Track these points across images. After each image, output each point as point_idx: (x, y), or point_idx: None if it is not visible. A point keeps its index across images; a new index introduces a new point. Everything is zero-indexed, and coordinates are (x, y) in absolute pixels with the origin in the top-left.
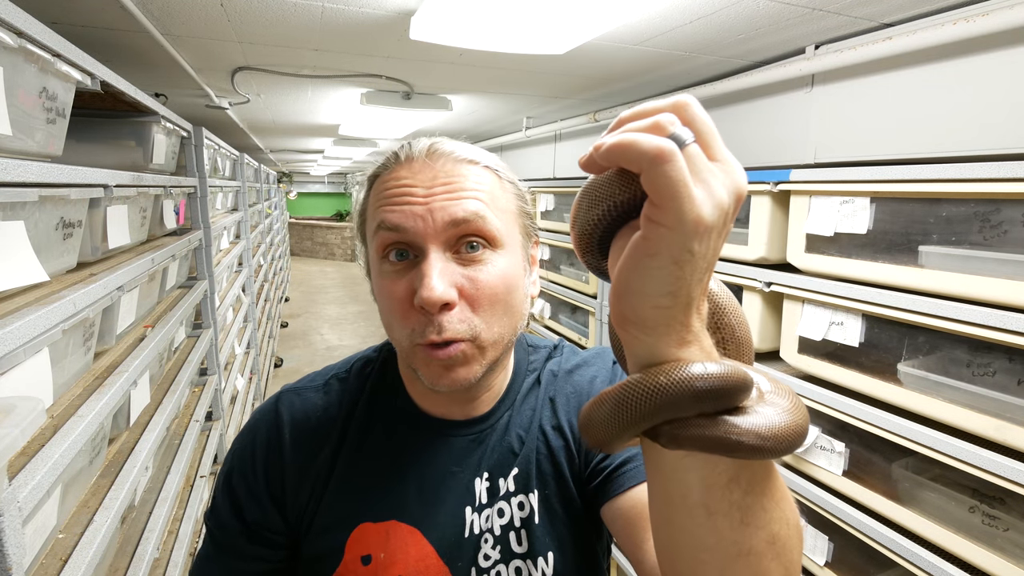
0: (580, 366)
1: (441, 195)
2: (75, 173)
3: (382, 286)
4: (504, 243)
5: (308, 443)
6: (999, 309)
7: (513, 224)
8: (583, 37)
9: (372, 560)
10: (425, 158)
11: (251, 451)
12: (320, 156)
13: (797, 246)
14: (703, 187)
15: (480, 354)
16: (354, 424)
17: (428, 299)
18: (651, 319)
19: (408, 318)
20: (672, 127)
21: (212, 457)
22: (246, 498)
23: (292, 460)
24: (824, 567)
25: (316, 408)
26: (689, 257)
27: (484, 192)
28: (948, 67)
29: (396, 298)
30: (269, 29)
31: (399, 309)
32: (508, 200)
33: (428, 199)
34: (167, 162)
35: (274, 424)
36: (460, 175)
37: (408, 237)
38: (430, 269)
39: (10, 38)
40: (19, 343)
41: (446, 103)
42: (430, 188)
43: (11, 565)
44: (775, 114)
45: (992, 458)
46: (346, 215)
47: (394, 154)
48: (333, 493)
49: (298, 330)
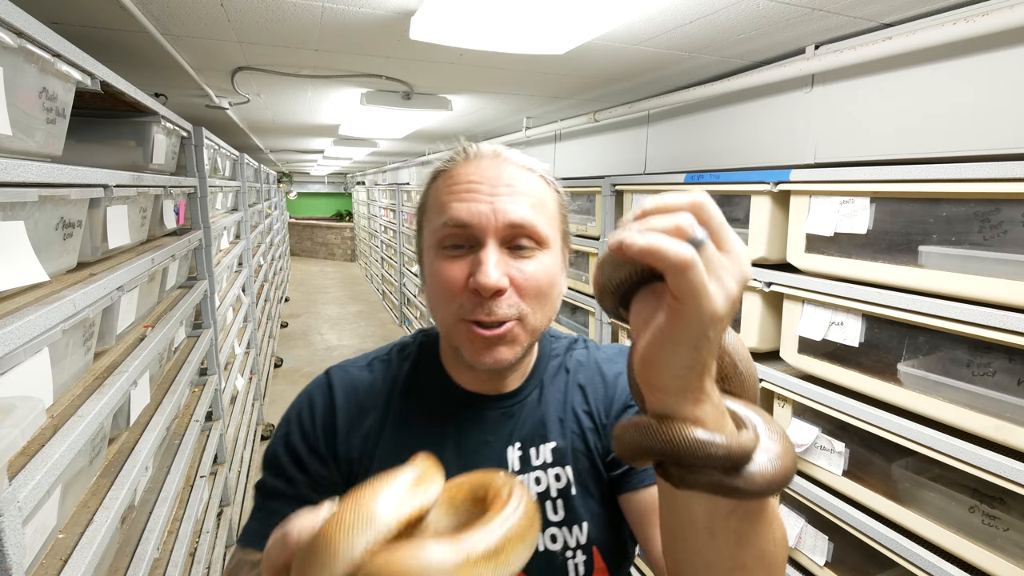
0: (607, 361)
1: (504, 195)
2: (75, 173)
3: (439, 268)
4: (549, 244)
5: (357, 409)
6: (999, 309)
7: (556, 228)
8: (583, 37)
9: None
10: (492, 158)
11: (309, 413)
12: (320, 156)
13: (797, 246)
14: (717, 283)
15: (523, 336)
16: (396, 396)
17: (485, 284)
18: (672, 386)
19: (458, 297)
20: (692, 231)
21: (212, 457)
22: (307, 454)
23: (344, 422)
24: (824, 567)
25: (363, 382)
26: (706, 342)
27: (537, 199)
28: (948, 67)
29: (451, 278)
30: (269, 29)
31: (452, 288)
32: (554, 207)
33: (492, 197)
34: (167, 162)
35: (327, 391)
36: (520, 179)
37: (471, 231)
38: (488, 258)
39: (10, 38)
40: (19, 343)
41: (446, 103)
42: (494, 187)
43: (11, 565)
44: (775, 114)
45: (992, 458)
46: (346, 215)
47: (462, 150)
48: (381, 456)
49: (298, 330)
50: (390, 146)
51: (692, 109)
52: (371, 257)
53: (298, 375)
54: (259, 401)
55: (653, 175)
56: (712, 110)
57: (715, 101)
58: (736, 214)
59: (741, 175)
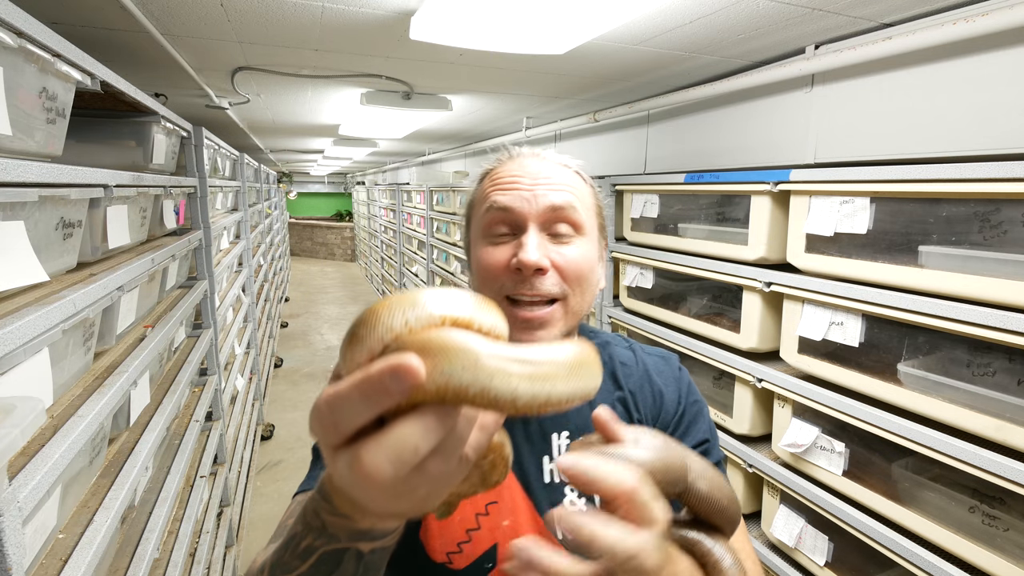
0: (657, 373)
1: (543, 184)
2: (75, 173)
3: (484, 252)
4: (587, 232)
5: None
6: (999, 309)
7: (593, 219)
8: (583, 37)
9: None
10: (532, 157)
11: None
12: (320, 156)
13: (797, 246)
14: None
15: (562, 319)
16: None
17: (527, 261)
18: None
19: (501, 276)
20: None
21: (212, 457)
22: None
23: None
24: (824, 567)
25: None
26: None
27: (576, 189)
28: (948, 67)
29: (496, 260)
30: (269, 29)
31: (496, 269)
32: (590, 200)
33: (533, 187)
34: (167, 162)
35: None
36: (559, 173)
37: (513, 216)
38: (529, 240)
39: (10, 38)
40: (19, 343)
41: (446, 103)
42: (535, 179)
43: (11, 565)
44: (775, 114)
45: (992, 458)
46: (346, 215)
47: (506, 151)
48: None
49: (298, 330)
50: (390, 146)
51: (692, 109)
52: (371, 257)
53: (298, 375)
54: (259, 401)
55: (653, 175)
56: (712, 110)
57: (715, 101)
58: (736, 214)
59: (741, 175)
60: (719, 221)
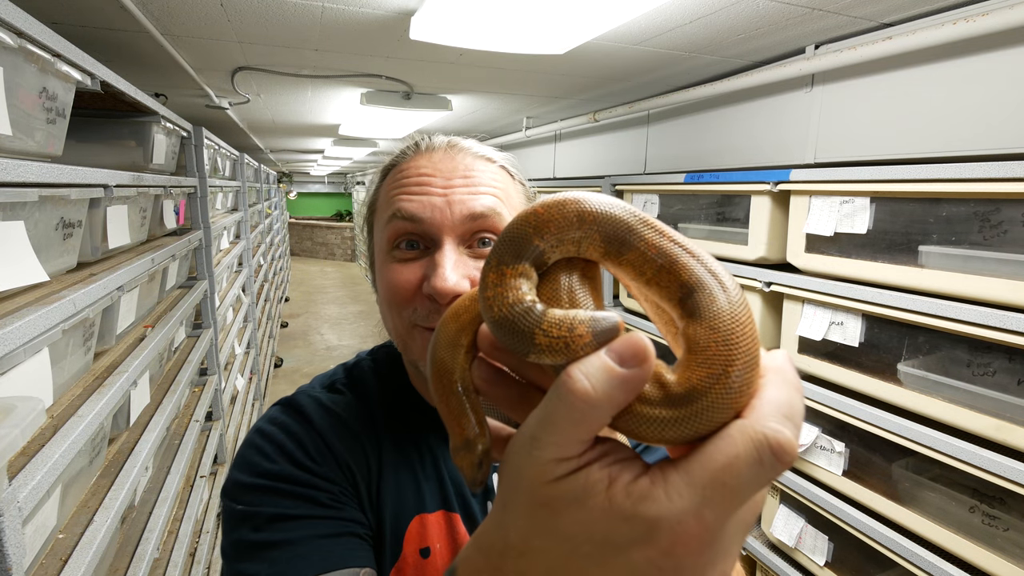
0: None
1: (460, 187)
2: (75, 173)
3: (389, 271)
4: None
5: (346, 438)
6: (999, 309)
7: None
8: (583, 37)
9: (431, 552)
10: (445, 150)
11: (287, 438)
12: (320, 156)
13: (797, 246)
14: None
15: None
16: (380, 423)
17: (441, 289)
18: None
19: (411, 302)
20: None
21: (212, 457)
22: (307, 465)
23: (339, 450)
24: (824, 567)
25: (340, 406)
26: None
27: (500, 190)
28: (948, 67)
29: (403, 283)
30: (269, 29)
31: (404, 294)
32: (520, 200)
33: (447, 191)
34: (167, 162)
35: (297, 416)
36: (478, 170)
37: (424, 228)
38: (445, 260)
39: (10, 38)
40: (19, 343)
41: (446, 103)
42: (449, 179)
43: (11, 565)
44: (775, 114)
45: (992, 458)
46: (346, 215)
47: (414, 144)
48: (385, 488)
49: (298, 330)
50: (390, 146)
51: (692, 109)
52: None
53: (298, 375)
54: (259, 401)
55: (653, 175)
56: (712, 110)
57: (715, 101)
58: (736, 214)
59: (741, 175)
60: (719, 221)
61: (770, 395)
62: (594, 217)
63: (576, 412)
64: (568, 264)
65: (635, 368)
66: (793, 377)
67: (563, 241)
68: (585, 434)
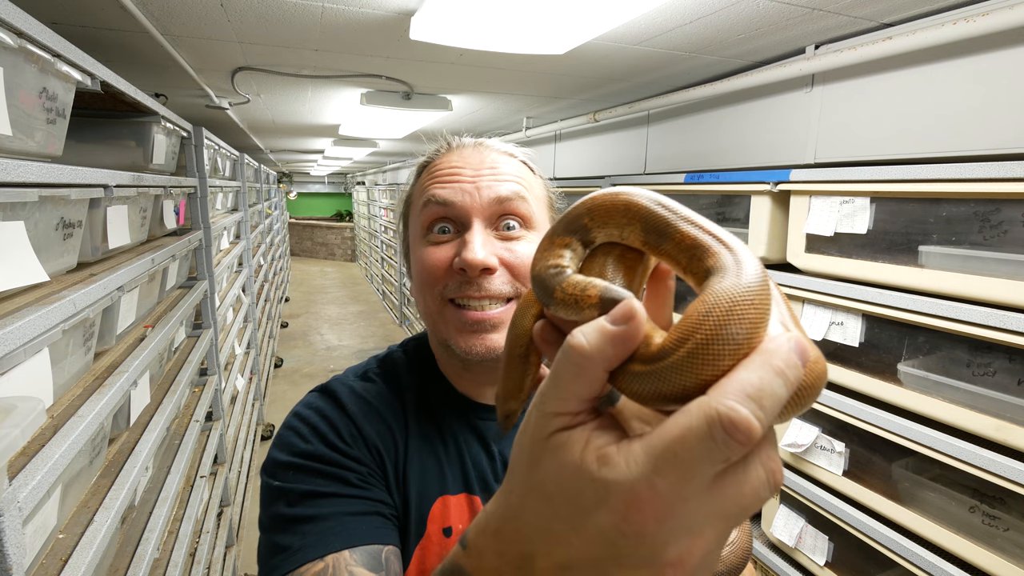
0: None
1: (487, 176)
2: (75, 173)
3: (424, 254)
4: (538, 226)
5: (376, 416)
6: (999, 309)
7: (544, 212)
8: (583, 37)
9: (453, 532)
10: (474, 147)
11: (323, 421)
12: (320, 156)
13: (797, 246)
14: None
15: None
16: (409, 409)
17: (471, 261)
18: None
19: (443, 279)
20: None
21: (212, 457)
22: (339, 447)
23: (366, 426)
24: (824, 567)
25: (369, 391)
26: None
27: (523, 179)
28: (948, 67)
29: (436, 261)
30: (269, 29)
31: (437, 272)
32: (540, 191)
33: (476, 179)
34: (167, 162)
35: (332, 402)
36: (503, 163)
37: (455, 211)
38: (474, 237)
39: (10, 38)
40: (19, 343)
41: (446, 103)
42: (477, 171)
43: (11, 565)
44: (775, 114)
45: (992, 458)
46: (346, 215)
47: (445, 143)
48: (411, 470)
49: (298, 330)
50: (390, 146)
51: (692, 109)
52: (371, 257)
53: (298, 375)
54: (259, 401)
55: (653, 175)
56: (712, 110)
57: (715, 101)
58: (736, 214)
59: (741, 175)
60: (719, 221)
61: (741, 374)
62: (639, 210)
63: (574, 365)
64: (611, 247)
65: (623, 326)
66: (779, 362)
67: (608, 225)
68: (584, 389)
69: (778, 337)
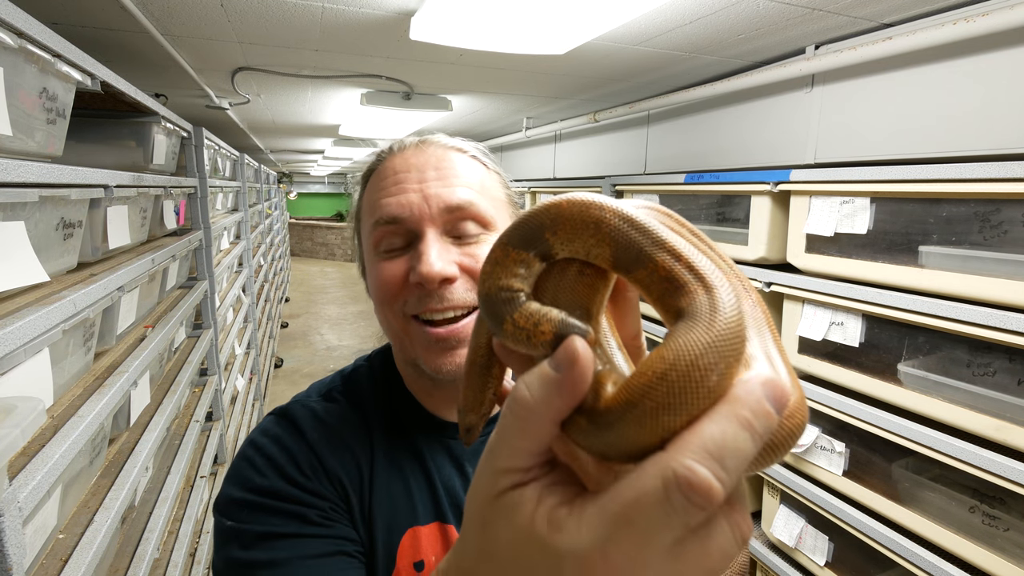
0: None
1: (434, 180)
2: (75, 173)
3: (378, 271)
4: (497, 227)
5: (339, 451)
6: (999, 309)
7: (504, 212)
8: (583, 37)
9: (425, 566)
10: (416, 145)
11: (279, 451)
12: (320, 156)
13: (797, 246)
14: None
15: None
16: (376, 433)
17: (427, 274)
18: None
19: (401, 294)
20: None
21: (212, 457)
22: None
23: (331, 464)
24: (824, 567)
25: (334, 416)
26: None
27: (474, 179)
28: (948, 67)
29: (390, 276)
30: (269, 29)
31: (393, 287)
32: (497, 189)
33: (421, 184)
34: (167, 162)
35: (290, 427)
36: (450, 160)
37: (405, 226)
38: (428, 248)
39: (10, 38)
40: (19, 343)
41: (446, 103)
42: (422, 172)
43: (11, 565)
44: (775, 114)
45: (992, 458)
46: (346, 215)
47: (387, 148)
48: (377, 501)
49: (298, 330)
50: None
51: (692, 109)
52: None
53: (298, 375)
54: (259, 401)
55: (653, 175)
56: (712, 110)
57: (715, 101)
58: (736, 214)
59: (741, 175)
60: (719, 221)
61: (703, 428)
62: (610, 231)
63: (519, 419)
64: (570, 260)
65: (566, 372)
66: (747, 412)
67: (574, 242)
68: (531, 443)
69: (750, 380)
